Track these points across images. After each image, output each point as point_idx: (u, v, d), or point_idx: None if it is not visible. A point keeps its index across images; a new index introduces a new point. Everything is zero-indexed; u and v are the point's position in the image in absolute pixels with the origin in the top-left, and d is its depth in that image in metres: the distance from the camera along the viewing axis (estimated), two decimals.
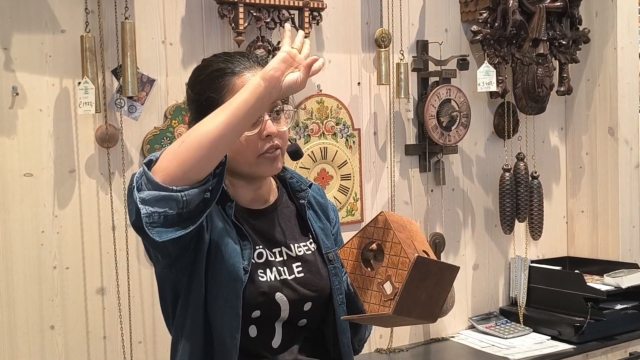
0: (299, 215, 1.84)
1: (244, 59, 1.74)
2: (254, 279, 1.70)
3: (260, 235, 1.76)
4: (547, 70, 3.35)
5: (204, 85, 1.72)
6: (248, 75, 1.69)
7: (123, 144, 2.51)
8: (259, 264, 1.73)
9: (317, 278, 1.78)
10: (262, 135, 1.68)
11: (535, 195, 3.34)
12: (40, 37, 2.38)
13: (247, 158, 1.70)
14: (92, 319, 2.48)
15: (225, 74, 1.70)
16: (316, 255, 1.81)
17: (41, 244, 2.40)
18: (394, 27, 3.03)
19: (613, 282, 3.19)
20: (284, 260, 1.76)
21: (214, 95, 1.68)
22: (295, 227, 1.82)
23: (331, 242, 1.86)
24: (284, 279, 1.73)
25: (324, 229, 1.86)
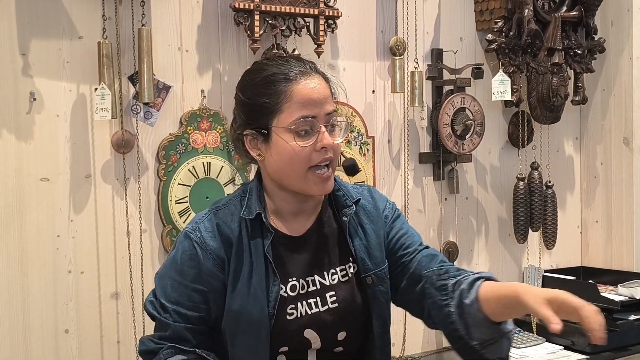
0: (341, 234, 1.76)
1: (299, 64, 1.69)
2: (282, 317, 1.66)
3: (296, 265, 1.71)
4: (562, 80, 3.34)
5: (257, 90, 1.67)
6: (303, 82, 1.64)
7: (139, 149, 2.52)
8: (290, 297, 1.68)
9: (351, 307, 1.72)
10: (317, 147, 1.64)
11: (549, 205, 3.33)
12: (57, 43, 2.40)
13: (298, 170, 1.65)
14: (106, 323, 2.50)
15: (281, 79, 1.65)
16: (354, 280, 1.74)
17: (56, 248, 2.41)
18: (409, 36, 3.04)
19: (627, 292, 3.17)
20: (318, 289, 1.71)
21: (269, 102, 1.64)
22: (335, 249, 1.75)
23: (379, 258, 1.76)
24: (315, 313, 1.69)
25: (370, 246, 1.76)
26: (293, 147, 1.63)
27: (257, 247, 1.68)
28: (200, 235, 1.68)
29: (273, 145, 1.66)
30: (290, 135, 1.63)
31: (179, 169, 2.58)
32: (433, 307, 1.71)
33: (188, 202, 2.59)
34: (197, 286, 1.66)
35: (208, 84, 2.65)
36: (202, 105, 2.63)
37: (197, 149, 2.61)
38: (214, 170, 2.63)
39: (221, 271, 1.67)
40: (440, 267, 1.74)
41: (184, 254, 1.68)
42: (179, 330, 1.66)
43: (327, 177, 1.67)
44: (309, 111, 1.64)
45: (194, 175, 2.60)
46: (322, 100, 1.66)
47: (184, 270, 1.67)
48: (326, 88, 1.69)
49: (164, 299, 1.67)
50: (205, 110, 2.63)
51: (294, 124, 1.63)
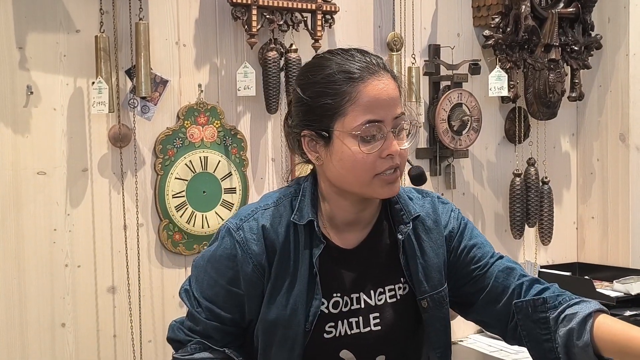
0: (395, 250, 1.62)
1: (366, 59, 1.53)
2: (319, 334, 1.57)
3: (342, 280, 1.59)
4: (559, 76, 3.35)
5: (319, 88, 1.52)
6: (371, 82, 1.50)
7: (136, 143, 2.52)
8: (331, 315, 1.58)
9: (396, 331, 1.61)
10: (382, 154, 1.49)
11: (545, 201, 3.34)
12: (55, 37, 2.40)
13: (361, 178, 1.51)
14: (103, 317, 2.50)
15: (347, 78, 1.50)
16: (403, 302, 1.62)
17: (53, 242, 2.41)
18: (406, 31, 3.04)
19: (623, 288, 3.18)
20: (362, 308, 1.59)
21: (332, 103, 1.50)
22: (386, 267, 1.62)
23: (436, 280, 1.62)
24: (355, 333, 1.59)
25: (427, 266, 1.62)
26: (356, 153, 1.49)
27: (304, 256, 1.56)
28: (244, 236, 1.57)
29: (335, 150, 1.52)
30: (354, 141, 1.49)
31: (176, 163, 2.58)
32: (529, 339, 1.61)
33: (185, 196, 2.59)
34: (233, 289, 1.57)
35: (205, 79, 2.65)
36: (200, 99, 2.63)
37: (194, 144, 2.62)
38: (211, 164, 2.63)
39: (260, 278, 1.56)
40: (537, 298, 1.62)
41: (224, 252, 1.58)
42: (210, 329, 1.60)
43: (394, 179, 1.52)
44: (376, 115, 1.49)
45: (190, 170, 2.61)
46: (390, 102, 1.51)
47: (221, 270, 1.58)
48: (395, 89, 1.54)
49: (199, 294, 1.60)
50: (202, 104, 2.63)
51: (359, 129, 1.48)
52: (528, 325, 1.60)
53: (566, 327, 1.55)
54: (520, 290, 1.63)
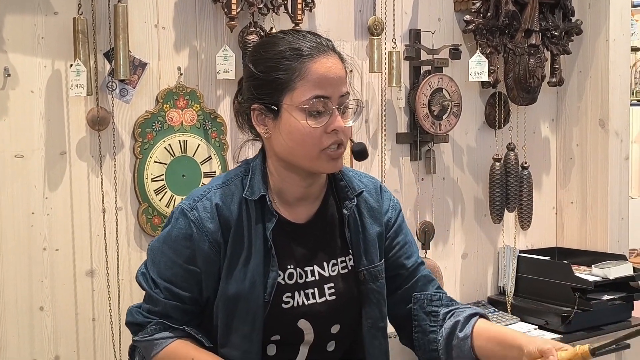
0: (343, 225, 1.72)
1: (315, 40, 1.63)
2: (277, 305, 1.64)
3: (296, 252, 1.68)
4: (539, 61, 3.36)
5: (271, 63, 1.61)
6: (319, 60, 1.59)
7: (114, 127, 2.51)
8: (287, 286, 1.65)
9: (349, 300, 1.70)
10: (327, 129, 1.59)
11: (525, 186, 3.36)
12: (32, 19, 2.38)
13: (309, 152, 1.60)
14: (81, 301, 2.49)
15: (297, 55, 1.59)
16: (352, 273, 1.72)
17: (31, 225, 2.40)
18: (387, 16, 3.04)
19: (601, 273, 3.21)
20: (316, 280, 1.68)
21: (282, 77, 1.59)
22: (337, 240, 1.72)
23: (373, 255, 1.73)
24: (312, 304, 1.67)
25: (367, 241, 1.72)
26: (304, 126, 1.57)
27: (258, 231, 1.63)
28: (198, 215, 1.63)
29: (283, 123, 1.60)
30: (302, 115, 1.58)
31: (155, 146, 2.57)
32: (418, 330, 1.74)
33: (164, 180, 2.58)
34: (191, 267, 1.63)
35: (185, 62, 2.64)
36: (179, 83, 2.61)
37: (173, 127, 2.61)
38: (190, 148, 2.63)
39: (217, 255, 1.63)
40: (434, 294, 1.76)
41: (180, 232, 1.64)
42: (169, 308, 1.65)
43: (338, 155, 1.62)
44: (324, 91, 1.58)
45: (170, 153, 2.60)
46: (338, 80, 1.61)
47: (178, 249, 1.64)
48: (342, 69, 1.64)
49: (156, 275, 1.66)
50: (181, 88, 2.61)
51: (307, 103, 1.57)
52: (420, 317, 1.75)
53: (452, 320, 1.70)
54: (431, 298, 1.77)
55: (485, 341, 1.66)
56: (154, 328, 1.67)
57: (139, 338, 1.69)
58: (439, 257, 3.26)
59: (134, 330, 1.72)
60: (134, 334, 1.72)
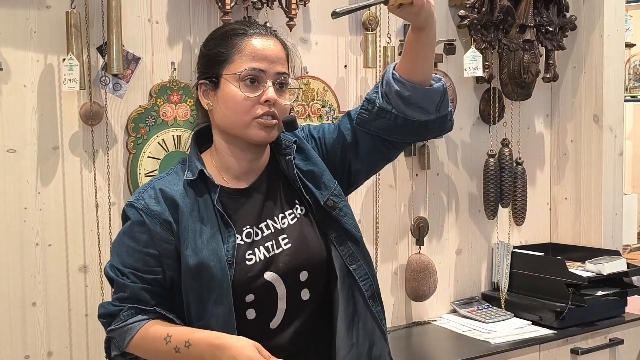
0: (286, 180, 1.84)
1: (260, 27, 1.79)
2: (242, 264, 1.71)
3: (247, 214, 1.77)
4: (534, 57, 3.35)
5: (215, 41, 1.77)
6: (258, 39, 1.74)
7: (107, 121, 2.50)
8: (247, 244, 1.74)
9: (304, 244, 1.78)
10: (260, 100, 1.71)
11: (519, 181, 3.35)
12: (25, 13, 2.36)
13: (242, 118, 1.72)
14: (74, 296, 2.48)
15: (238, 34, 1.75)
16: (303, 220, 1.81)
17: (24, 221, 2.39)
18: (382, 10, 3.03)
19: (595, 268, 3.21)
20: (271, 233, 1.77)
21: (223, 51, 1.74)
22: (282, 196, 1.82)
23: (329, 180, 1.83)
24: (272, 255, 1.74)
25: (315, 177, 1.83)
26: (238, 95, 1.71)
27: (206, 202, 1.74)
28: (144, 203, 1.75)
29: (220, 93, 1.74)
30: (237, 84, 1.71)
31: (149, 141, 2.56)
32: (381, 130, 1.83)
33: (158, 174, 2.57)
34: (150, 250, 1.73)
35: (178, 56, 2.62)
36: (173, 77, 2.60)
37: (167, 122, 2.59)
38: (184, 143, 2.61)
39: (170, 233, 1.73)
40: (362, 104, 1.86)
41: (133, 221, 1.75)
42: (137, 291, 1.72)
43: (269, 124, 1.73)
44: (258, 64, 1.72)
45: (163, 148, 2.58)
46: (274, 58, 1.75)
47: (136, 236, 1.74)
48: (281, 51, 1.78)
49: (120, 265, 1.74)
50: (175, 82, 2.60)
51: (242, 72, 1.71)
52: (376, 124, 1.83)
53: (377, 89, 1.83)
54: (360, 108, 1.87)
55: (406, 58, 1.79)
56: (126, 314, 1.73)
57: (113, 327, 1.74)
58: (433, 252, 3.25)
59: (107, 323, 1.77)
60: (107, 326, 1.77)
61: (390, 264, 3.16)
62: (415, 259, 3.12)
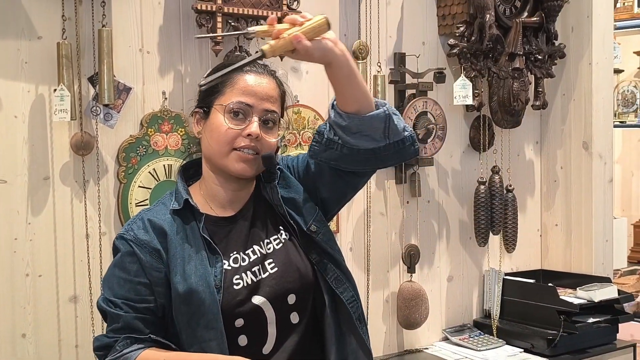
0: (270, 206, 1.87)
1: (259, 65, 1.84)
2: (230, 288, 1.74)
3: (234, 240, 1.81)
4: (523, 85, 3.38)
5: (212, 72, 1.77)
6: (252, 76, 1.80)
7: (98, 151, 2.49)
8: (234, 269, 1.77)
9: (290, 268, 1.80)
10: (243, 132, 1.76)
11: (509, 208, 3.36)
12: (16, 43, 2.36)
13: (222, 148, 1.77)
14: (65, 327, 2.46)
15: (236, 70, 1.75)
16: (288, 244, 1.84)
17: (14, 251, 2.38)
18: (372, 39, 3.05)
19: (586, 295, 3.21)
20: (258, 258, 1.79)
21: (217, 84, 1.78)
22: (267, 222, 1.86)
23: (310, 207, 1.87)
24: (259, 280, 1.77)
25: (297, 205, 1.86)
26: (222, 125, 1.76)
27: (193, 230, 1.78)
28: (133, 234, 1.79)
29: (209, 122, 1.81)
30: (224, 115, 1.77)
31: (140, 171, 2.56)
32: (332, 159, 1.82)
33: (149, 204, 2.56)
34: (141, 279, 1.75)
35: (169, 86, 2.63)
36: (164, 107, 2.61)
37: (158, 151, 2.59)
38: (175, 172, 2.61)
39: (159, 261, 1.76)
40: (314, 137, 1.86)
41: (123, 253, 1.78)
42: (131, 320, 1.74)
43: (248, 158, 1.77)
44: (247, 99, 1.78)
45: (154, 178, 2.58)
46: (264, 95, 1.80)
47: (126, 267, 1.77)
48: (273, 90, 1.84)
49: (112, 296, 1.76)
50: (166, 112, 2.61)
51: (229, 104, 1.77)
52: (325, 155, 1.83)
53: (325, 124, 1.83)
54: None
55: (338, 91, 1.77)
56: (122, 344, 1.74)
57: (110, 358, 1.75)
58: (424, 280, 3.25)
59: (103, 355, 1.77)
60: (103, 358, 1.77)
61: (382, 292, 3.15)
62: (406, 287, 3.11)
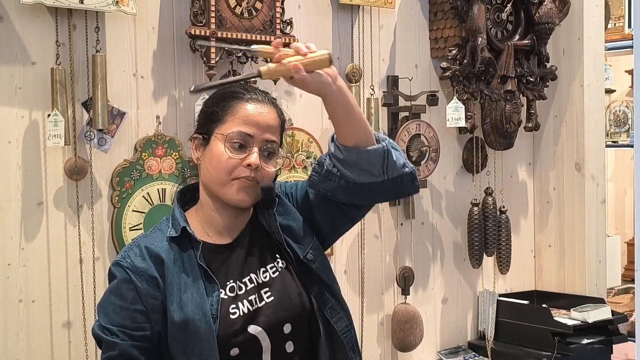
0: (266, 233, 1.86)
1: (260, 93, 1.83)
2: (226, 317, 1.73)
3: (230, 270, 1.79)
4: (515, 107, 3.39)
5: (214, 100, 1.82)
6: (253, 105, 1.78)
7: (92, 176, 2.49)
8: (230, 298, 1.75)
9: (286, 297, 1.79)
10: (243, 162, 1.74)
11: (503, 230, 3.37)
12: (10, 69, 2.37)
13: (221, 177, 1.76)
14: (58, 353, 2.45)
15: (236, 96, 1.79)
16: (284, 273, 1.82)
17: (7, 277, 2.37)
18: (365, 63, 3.06)
19: (580, 316, 3.22)
20: (254, 287, 1.78)
21: (218, 111, 1.78)
22: (263, 250, 1.84)
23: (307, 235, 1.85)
24: (255, 309, 1.76)
25: (294, 233, 1.84)
26: (223, 154, 1.75)
27: (190, 258, 1.76)
28: (130, 260, 1.76)
29: (208, 150, 1.79)
30: (224, 144, 1.75)
31: (134, 195, 2.56)
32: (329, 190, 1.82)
33: (143, 229, 2.56)
34: (138, 307, 1.73)
35: (163, 110, 2.64)
36: (158, 131, 2.61)
37: (152, 175, 2.60)
38: (169, 196, 2.61)
39: (156, 289, 1.74)
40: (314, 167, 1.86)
41: (120, 279, 1.76)
42: (127, 348, 1.72)
43: (247, 185, 1.76)
44: (248, 129, 1.76)
45: (148, 202, 2.58)
46: (265, 126, 1.78)
47: (123, 294, 1.75)
48: (274, 119, 1.81)
49: (109, 323, 1.75)
50: (160, 136, 2.61)
51: (230, 133, 1.75)
52: (324, 186, 1.82)
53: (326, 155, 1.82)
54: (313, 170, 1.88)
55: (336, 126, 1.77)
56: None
57: None
58: (419, 302, 3.25)
59: None
60: None
61: (377, 315, 3.15)
62: (401, 309, 3.11)
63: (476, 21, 3.11)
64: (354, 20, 3.06)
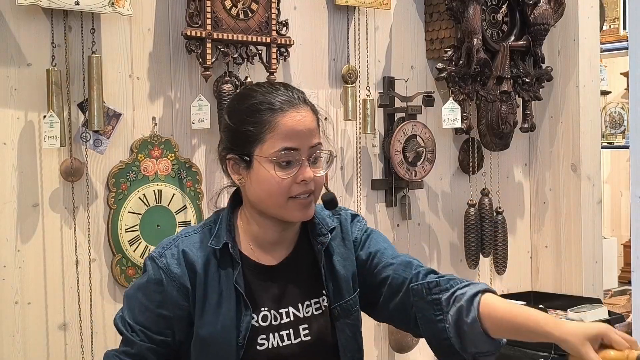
0: (316, 264, 1.74)
1: (287, 93, 1.66)
2: (253, 347, 1.66)
3: (268, 295, 1.70)
4: (511, 108, 3.40)
5: (243, 116, 1.65)
6: (289, 114, 1.62)
7: (88, 177, 2.49)
8: (262, 328, 1.67)
9: (324, 341, 1.72)
10: (297, 179, 1.62)
11: (499, 231, 3.37)
12: (5, 71, 2.36)
13: (276, 200, 1.63)
14: (54, 355, 2.44)
15: (267, 109, 1.63)
16: (327, 314, 1.73)
17: (3, 279, 2.36)
18: (361, 64, 3.07)
19: (577, 317, 3.21)
20: (291, 321, 1.70)
21: (253, 130, 1.63)
22: (310, 281, 1.73)
23: (345, 289, 1.73)
24: (287, 345, 1.68)
25: (338, 277, 1.73)
26: (273, 177, 1.61)
27: (228, 276, 1.67)
28: (166, 262, 1.67)
29: (254, 173, 1.64)
30: (271, 165, 1.61)
31: (129, 197, 2.55)
32: (423, 321, 1.69)
33: (138, 230, 2.56)
34: (162, 312, 1.66)
35: (159, 111, 2.63)
36: (153, 132, 2.61)
37: (147, 177, 2.59)
38: (165, 198, 2.61)
39: (185, 299, 1.66)
40: (431, 281, 1.70)
41: (151, 278, 1.68)
42: (144, 350, 1.67)
43: (307, 203, 1.65)
44: (292, 143, 1.62)
45: (144, 203, 2.58)
46: (307, 132, 1.64)
47: (150, 295, 1.67)
48: (312, 120, 1.67)
49: (132, 320, 1.68)
50: (156, 137, 2.61)
51: (275, 155, 1.61)
52: (423, 307, 1.68)
53: (456, 306, 1.65)
54: (417, 278, 1.72)
55: (497, 324, 1.61)
56: None
57: None
58: None
59: None
60: None
61: None
62: None
63: (472, 22, 3.12)
64: (350, 22, 3.07)
